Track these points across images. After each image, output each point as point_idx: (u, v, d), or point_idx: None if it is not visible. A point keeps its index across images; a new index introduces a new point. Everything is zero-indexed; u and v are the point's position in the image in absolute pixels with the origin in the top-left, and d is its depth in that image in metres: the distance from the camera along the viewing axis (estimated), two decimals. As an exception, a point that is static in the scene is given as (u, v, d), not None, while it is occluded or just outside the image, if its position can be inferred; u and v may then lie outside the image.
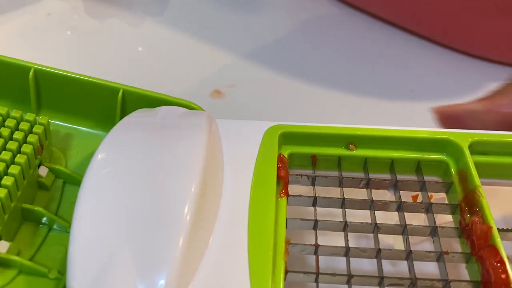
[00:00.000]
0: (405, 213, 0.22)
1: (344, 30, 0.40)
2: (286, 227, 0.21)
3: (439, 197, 0.24)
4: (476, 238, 0.20)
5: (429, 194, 0.23)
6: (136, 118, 0.23)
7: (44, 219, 0.23)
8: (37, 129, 0.24)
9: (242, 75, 0.36)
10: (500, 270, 0.18)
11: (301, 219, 0.21)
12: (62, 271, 0.22)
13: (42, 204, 0.24)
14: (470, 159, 0.22)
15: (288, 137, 0.24)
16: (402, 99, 0.35)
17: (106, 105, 0.26)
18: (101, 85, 0.26)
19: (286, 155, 0.23)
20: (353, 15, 0.42)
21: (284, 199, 0.22)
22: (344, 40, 0.40)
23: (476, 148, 0.23)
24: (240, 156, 0.23)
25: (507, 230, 0.21)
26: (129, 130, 0.22)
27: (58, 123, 0.27)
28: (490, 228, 0.19)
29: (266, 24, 0.41)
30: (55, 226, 0.23)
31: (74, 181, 0.25)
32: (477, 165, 0.22)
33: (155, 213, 0.19)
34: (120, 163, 0.21)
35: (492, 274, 0.18)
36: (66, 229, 0.23)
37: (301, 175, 0.23)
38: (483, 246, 0.19)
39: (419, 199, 0.24)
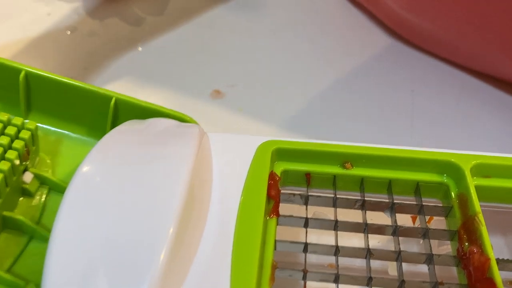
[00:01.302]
0: (401, 237, 0.21)
1: (345, 29, 0.40)
2: (275, 249, 0.20)
3: (438, 220, 0.23)
4: (473, 270, 0.19)
5: (428, 217, 0.22)
6: (125, 130, 0.23)
7: (25, 228, 0.23)
8: (24, 134, 0.23)
9: (242, 75, 0.36)
10: (496, 307, 0.17)
11: (291, 242, 0.20)
12: (40, 285, 0.21)
13: (25, 212, 0.23)
14: (471, 183, 0.21)
15: (281, 154, 0.23)
16: (403, 104, 0.35)
17: (98, 112, 0.26)
18: (93, 92, 0.25)
19: (279, 172, 0.23)
20: (355, 15, 0.41)
21: (274, 219, 0.21)
22: (345, 40, 0.39)
23: (478, 170, 0.22)
24: (231, 172, 0.22)
25: (507, 261, 0.20)
26: (117, 143, 0.22)
27: (49, 128, 0.27)
28: (488, 260, 0.18)
29: (266, 24, 0.40)
30: (36, 236, 0.23)
31: (59, 189, 0.24)
32: (479, 188, 0.21)
33: (137, 231, 0.18)
34: (105, 177, 0.20)
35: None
36: (47, 239, 0.22)
37: (294, 194, 0.22)
38: (480, 278, 0.18)
39: (417, 222, 0.23)
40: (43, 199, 0.24)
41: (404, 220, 0.26)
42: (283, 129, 0.33)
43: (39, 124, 0.26)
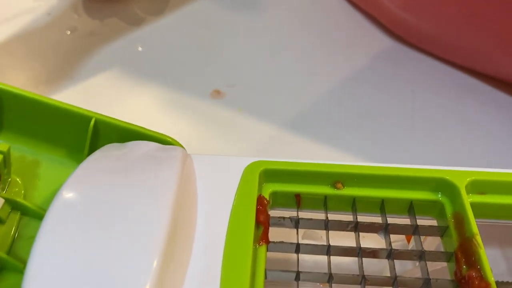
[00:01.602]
0: (397, 260, 0.20)
1: (345, 31, 0.40)
2: (266, 278, 0.19)
3: (433, 240, 0.22)
4: (473, 296, 0.18)
5: (423, 237, 0.21)
6: (105, 155, 0.21)
7: None
8: None
9: (242, 75, 0.36)
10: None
11: (282, 271, 0.20)
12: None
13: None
14: (466, 202, 0.20)
15: (270, 175, 0.22)
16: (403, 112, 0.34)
17: (76, 133, 0.25)
18: (72, 112, 0.24)
19: (267, 194, 0.22)
20: (354, 16, 0.41)
21: (263, 246, 0.20)
22: (344, 40, 0.39)
23: (474, 187, 0.21)
24: (217, 196, 0.21)
25: (507, 284, 0.19)
26: (97, 168, 0.21)
27: (22, 148, 0.25)
28: (489, 285, 0.18)
29: (266, 24, 0.41)
30: (8, 267, 0.21)
31: (33, 214, 0.23)
32: (474, 205, 0.21)
33: (119, 265, 0.17)
34: (84, 207, 0.19)
35: None
36: (20, 270, 0.21)
37: (284, 218, 0.21)
38: (481, 306, 0.17)
39: (412, 242, 0.22)
40: (14, 225, 0.23)
41: (399, 237, 0.25)
42: (282, 130, 0.32)
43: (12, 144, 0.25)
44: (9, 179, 0.23)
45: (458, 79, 0.36)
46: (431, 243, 0.24)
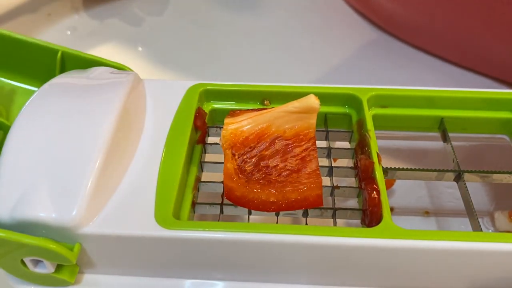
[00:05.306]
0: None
1: (344, 30, 0.41)
2: (203, 170, 0.24)
3: (344, 146, 0.27)
4: (361, 172, 0.22)
5: (336, 143, 0.26)
6: (69, 75, 0.26)
7: None
8: None
9: (242, 75, 0.37)
10: (373, 194, 0.21)
11: (214, 162, 0.24)
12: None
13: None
14: (366, 109, 0.25)
15: (209, 94, 0.26)
16: None
17: (47, 65, 0.28)
18: (41, 46, 0.28)
19: (207, 111, 0.26)
20: (352, 16, 0.43)
21: (200, 146, 0.24)
22: (343, 40, 0.41)
23: (376, 101, 0.26)
24: (163, 109, 0.25)
25: (395, 169, 0.24)
26: (61, 83, 0.25)
27: (4, 80, 0.29)
28: (372, 163, 0.22)
29: (266, 24, 0.42)
30: None
31: None
32: (377, 116, 0.25)
33: (72, 153, 0.21)
34: (48, 110, 0.23)
35: (367, 199, 0.21)
36: None
37: (220, 127, 0.26)
38: (366, 178, 0.22)
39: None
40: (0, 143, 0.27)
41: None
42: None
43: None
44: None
45: (459, 77, 0.37)
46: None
